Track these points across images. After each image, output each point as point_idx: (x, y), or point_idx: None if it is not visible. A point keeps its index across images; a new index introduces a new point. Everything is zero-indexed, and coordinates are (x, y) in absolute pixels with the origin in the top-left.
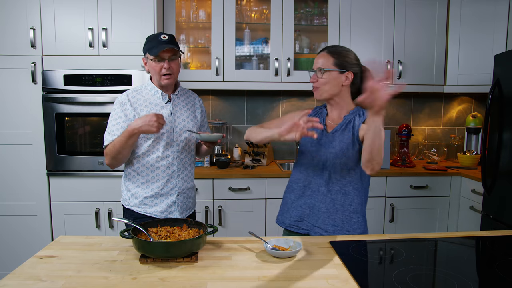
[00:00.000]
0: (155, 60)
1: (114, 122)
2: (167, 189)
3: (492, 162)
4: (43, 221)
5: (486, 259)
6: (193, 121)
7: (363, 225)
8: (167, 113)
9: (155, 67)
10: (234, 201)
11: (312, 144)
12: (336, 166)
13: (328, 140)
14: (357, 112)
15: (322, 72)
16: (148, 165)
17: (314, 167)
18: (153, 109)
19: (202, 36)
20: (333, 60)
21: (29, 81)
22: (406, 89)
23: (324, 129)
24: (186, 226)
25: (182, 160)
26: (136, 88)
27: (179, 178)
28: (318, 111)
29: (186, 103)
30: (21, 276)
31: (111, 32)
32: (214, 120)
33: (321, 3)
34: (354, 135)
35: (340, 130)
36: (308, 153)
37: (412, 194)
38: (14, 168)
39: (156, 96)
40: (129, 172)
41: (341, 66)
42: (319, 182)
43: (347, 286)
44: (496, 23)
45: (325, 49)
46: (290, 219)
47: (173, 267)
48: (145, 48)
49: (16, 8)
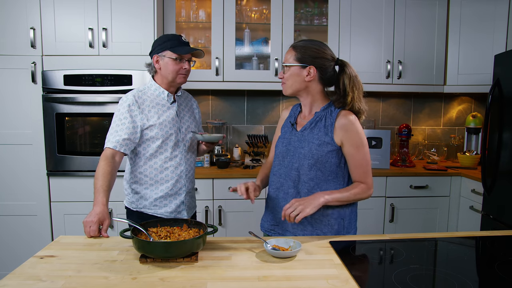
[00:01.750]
0: (177, 59)
1: (119, 123)
2: (176, 189)
3: (492, 162)
4: (43, 221)
5: (486, 259)
6: (194, 121)
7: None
8: (173, 113)
9: (174, 66)
10: (234, 201)
11: (283, 144)
12: (304, 167)
13: (297, 140)
14: (328, 108)
15: (285, 67)
16: (157, 166)
17: (285, 168)
18: (160, 110)
19: (202, 36)
20: (295, 55)
21: (29, 81)
22: (406, 89)
23: (294, 127)
24: (186, 226)
25: (188, 160)
26: (140, 89)
27: (186, 178)
28: (294, 109)
29: (186, 104)
30: (21, 276)
31: (111, 32)
32: (214, 120)
33: (321, 3)
34: (327, 135)
35: (309, 128)
36: (280, 154)
37: (412, 194)
38: (14, 168)
39: (161, 97)
40: (135, 175)
41: (302, 61)
42: (289, 184)
43: (347, 286)
44: (496, 23)
45: (291, 45)
46: (267, 223)
47: (173, 267)
48: (165, 45)
49: (16, 8)
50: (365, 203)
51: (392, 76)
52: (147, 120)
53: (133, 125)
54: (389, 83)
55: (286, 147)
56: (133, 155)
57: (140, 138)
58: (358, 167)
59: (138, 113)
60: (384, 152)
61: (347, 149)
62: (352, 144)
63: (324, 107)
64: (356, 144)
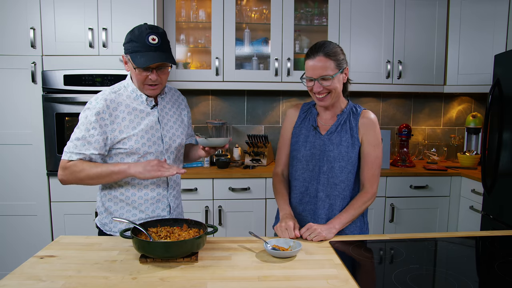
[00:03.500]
0: (139, 69)
1: (86, 134)
2: (158, 211)
3: (492, 162)
4: (43, 221)
5: (486, 259)
6: (181, 126)
7: (358, 226)
8: (153, 120)
9: (138, 76)
10: (234, 201)
11: (306, 148)
12: (335, 170)
13: (324, 143)
14: (350, 109)
15: (328, 79)
16: (134, 182)
17: (310, 172)
18: (137, 117)
19: (202, 36)
20: (334, 63)
21: (29, 81)
22: (406, 89)
23: (317, 131)
24: (186, 226)
25: (174, 175)
26: (114, 89)
27: (171, 197)
28: (307, 111)
29: (172, 105)
30: (21, 276)
31: (111, 32)
32: (214, 120)
33: (321, 3)
34: (353, 136)
35: (335, 131)
36: (303, 158)
37: (412, 194)
38: (14, 168)
39: (139, 101)
40: (109, 191)
41: (340, 66)
42: (317, 188)
43: (347, 286)
44: (496, 23)
45: (319, 52)
46: None
47: (173, 267)
48: (127, 46)
49: (16, 8)
50: None
51: (392, 76)
52: (119, 132)
53: (103, 137)
54: (389, 83)
55: (310, 150)
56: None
57: (112, 151)
58: (370, 167)
59: (108, 123)
60: (384, 152)
61: (365, 147)
62: (370, 142)
63: (346, 109)
64: (374, 143)
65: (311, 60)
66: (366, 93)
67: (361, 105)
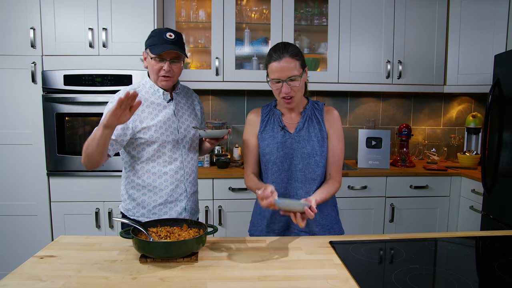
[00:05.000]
0: (155, 59)
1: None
2: (176, 195)
3: (492, 162)
4: (43, 221)
5: (486, 259)
6: (195, 119)
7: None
8: (170, 113)
9: (154, 66)
10: (234, 201)
11: (279, 149)
12: (311, 165)
13: (295, 141)
14: (312, 105)
15: (295, 79)
16: (155, 170)
17: (286, 171)
18: (155, 109)
19: (202, 36)
20: (299, 63)
21: (29, 81)
22: (406, 89)
23: (286, 130)
24: (186, 226)
25: (189, 163)
26: (134, 86)
27: (187, 182)
28: (269, 113)
29: (186, 100)
30: (21, 276)
31: (111, 32)
32: (214, 120)
33: (321, 3)
34: (322, 130)
35: (304, 128)
36: (277, 159)
37: (412, 194)
38: (14, 168)
39: (156, 95)
40: (132, 180)
41: (303, 65)
42: (295, 186)
43: (347, 286)
44: (496, 23)
45: (284, 53)
46: (275, 231)
47: (173, 267)
48: (147, 42)
49: (16, 8)
50: (365, 203)
51: (392, 76)
52: (139, 122)
53: (123, 126)
54: (389, 83)
55: (283, 151)
56: (128, 158)
57: (134, 141)
58: (337, 159)
59: None
60: (384, 152)
61: (331, 140)
62: (336, 135)
63: (308, 105)
64: (339, 136)
65: (277, 62)
66: (366, 93)
67: (361, 105)
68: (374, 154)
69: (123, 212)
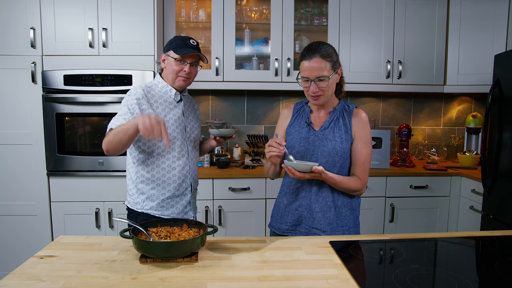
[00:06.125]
0: (178, 60)
1: (127, 111)
2: (182, 190)
3: (492, 162)
4: (43, 221)
5: (486, 259)
6: (196, 122)
7: (351, 218)
8: (179, 112)
9: (175, 67)
10: (234, 201)
11: (301, 144)
12: (329, 164)
13: (318, 139)
14: (342, 106)
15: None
16: (165, 165)
17: None
18: (167, 107)
19: (202, 36)
20: (330, 64)
21: (29, 81)
22: (406, 89)
23: (311, 127)
24: (186, 226)
25: (193, 160)
26: (148, 84)
27: (191, 177)
28: (300, 109)
29: (189, 104)
30: (21, 276)
31: (111, 32)
32: (214, 120)
33: (321, 3)
34: (347, 132)
35: (329, 127)
36: (297, 153)
37: (412, 194)
38: (14, 168)
39: (168, 95)
40: (142, 174)
41: (335, 67)
42: (311, 182)
43: (347, 286)
44: (496, 23)
45: (315, 53)
46: (286, 224)
47: (173, 267)
48: (170, 45)
49: (16, 8)
50: (365, 203)
51: (392, 76)
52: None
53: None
54: (389, 83)
55: (305, 146)
56: (137, 153)
57: None
58: (362, 163)
59: (146, 108)
60: (384, 152)
61: (357, 143)
62: (362, 139)
63: (338, 106)
64: (366, 140)
65: (308, 61)
66: (366, 93)
67: (361, 105)
68: (374, 154)
69: (130, 207)
